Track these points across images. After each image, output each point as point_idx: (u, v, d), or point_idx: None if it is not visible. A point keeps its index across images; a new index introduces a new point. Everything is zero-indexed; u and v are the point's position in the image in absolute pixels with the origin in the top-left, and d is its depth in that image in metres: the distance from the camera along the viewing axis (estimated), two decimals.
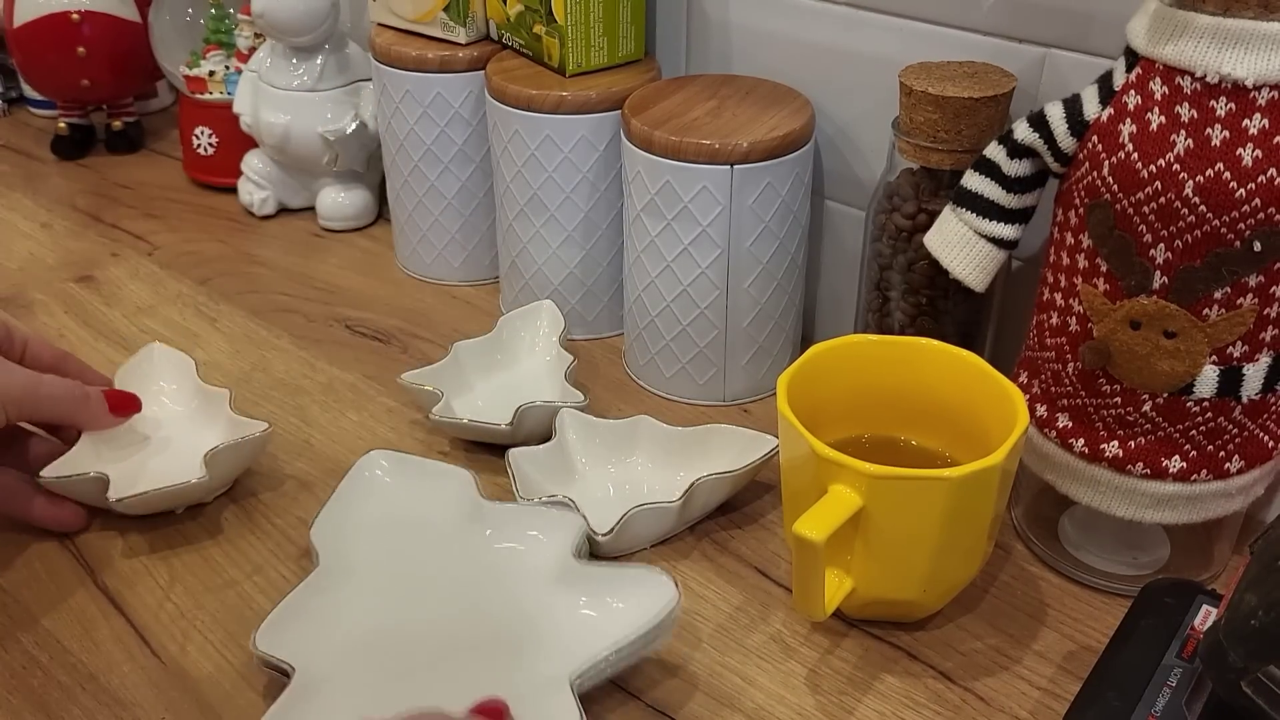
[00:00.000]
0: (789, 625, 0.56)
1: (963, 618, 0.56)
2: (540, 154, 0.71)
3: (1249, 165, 0.46)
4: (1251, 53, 0.45)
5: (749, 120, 0.66)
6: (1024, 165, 0.53)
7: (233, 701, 0.51)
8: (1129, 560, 0.58)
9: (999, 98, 0.57)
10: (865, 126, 0.69)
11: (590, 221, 0.74)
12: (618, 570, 0.54)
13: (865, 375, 0.57)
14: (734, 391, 0.72)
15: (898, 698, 0.52)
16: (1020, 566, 0.59)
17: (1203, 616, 0.50)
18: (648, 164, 0.66)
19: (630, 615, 0.51)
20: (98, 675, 0.53)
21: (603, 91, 0.71)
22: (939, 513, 0.49)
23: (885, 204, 0.62)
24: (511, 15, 0.75)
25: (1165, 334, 0.49)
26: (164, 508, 0.60)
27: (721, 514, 0.62)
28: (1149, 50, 0.47)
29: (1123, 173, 0.48)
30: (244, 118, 0.91)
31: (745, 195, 0.65)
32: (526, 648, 0.52)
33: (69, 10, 0.98)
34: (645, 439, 0.64)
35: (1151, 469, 0.53)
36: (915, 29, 0.64)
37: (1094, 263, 0.51)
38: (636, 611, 0.51)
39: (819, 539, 0.47)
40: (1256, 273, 0.48)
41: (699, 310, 0.68)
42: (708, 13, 0.74)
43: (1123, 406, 0.52)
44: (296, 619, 0.52)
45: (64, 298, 0.82)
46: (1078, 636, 0.55)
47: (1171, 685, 0.47)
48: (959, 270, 0.56)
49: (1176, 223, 0.47)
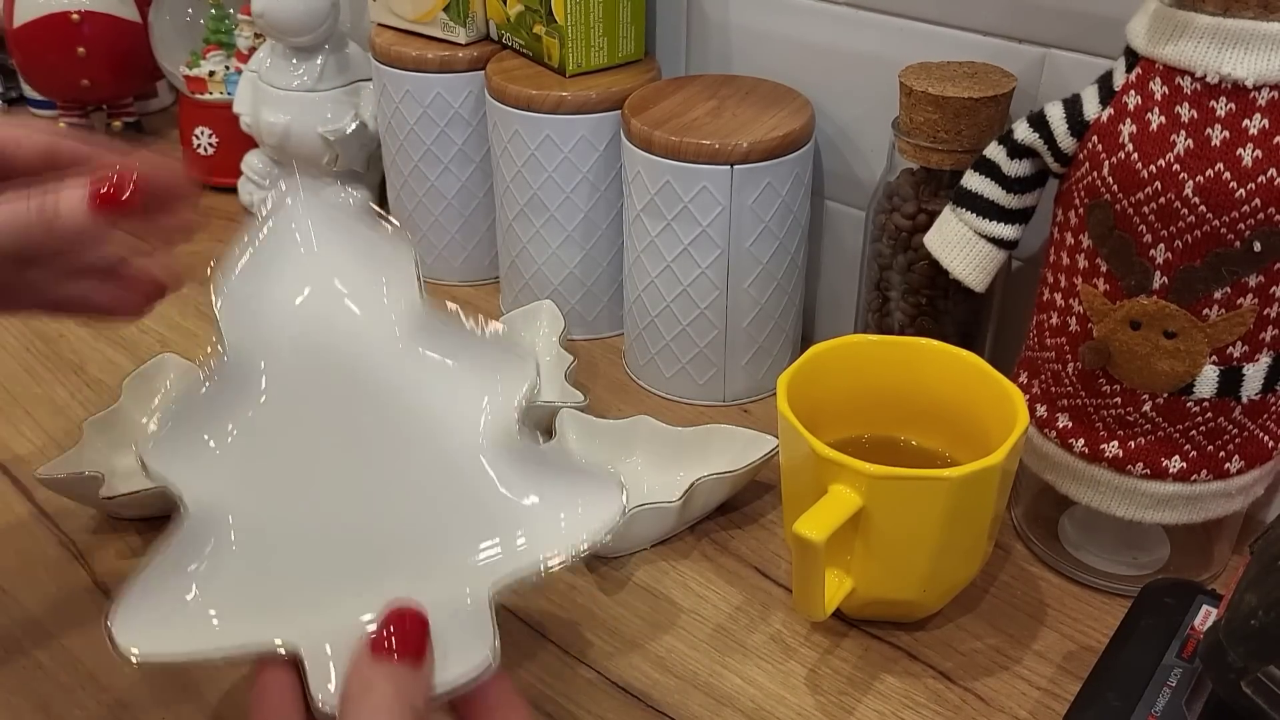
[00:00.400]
0: (789, 625, 0.56)
1: (963, 618, 0.56)
2: (540, 154, 0.71)
3: (1249, 165, 0.46)
4: (1251, 53, 0.45)
5: (749, 120, 0.66)
6: (1024, 165, 0.53)
7: (232, 701, 0.51)
8: (1129, 560, 0.58)
9: (999, 98, 0.57)
10: (865, 126, 0.69)
11: (590, 221, 0.73)
12: (560, 460, 0.48)
13: (865, 375, 0.57)
14: (734, 391, 0.72)
15: (898, 698, 0.52)
16: (1020, 567, 0.59)
17: (1203, 616, 0.50)
18: (648, 164, 0.66)
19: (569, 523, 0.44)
20: (98, 675, 0.53)
21: (603, 92, 0.71)
22: (939, 513, 0.49)
23: (885, 204, 0.62)
24: (511, 15, 0.75)
25: (1165, 334, 0.49)
26: (158, 509, 0.60)
27: (721, 514, 0.62)
28: (1149, 50, 0.47)
29: (1123, 173, 0.48)
30: (244, 118, 0.90)
31: (745, 195, 0.65)
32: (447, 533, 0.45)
33: (69, 10, 0.98)
34: (645, 439, 0.64)
35: (1151, 469, 0.53)
36: (915, 29, 0.64)
37: (1094, 263, 0.51)
38: (574, 519, 0.44)
39: (819, 539, 0.47)
40: (1256, 273, 0.48)
41: (699, 310, 0.68)
42: (708, 13, 0.74)
43: (1123, 407, 0.52)
44: (189, 433, 0.44)
45: None
46: (1078, 636, 0.55)
47: (1171, 685, 0.47)
48: (959, 270, 0.56)
49: (1176, 223, 0.47)
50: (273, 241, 0.48)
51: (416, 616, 0.40)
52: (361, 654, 0.39)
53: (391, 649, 0.39)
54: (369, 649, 0.39)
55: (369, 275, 0.48)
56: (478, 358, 0.47)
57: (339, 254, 0.48)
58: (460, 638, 0.41)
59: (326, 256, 0.48)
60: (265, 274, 0.48)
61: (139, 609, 0.40)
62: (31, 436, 0.68)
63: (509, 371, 0.46)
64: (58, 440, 0.67)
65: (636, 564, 0.59)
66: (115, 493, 0.58)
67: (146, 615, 0.40)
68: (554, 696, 0.52)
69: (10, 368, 0.74)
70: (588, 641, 0.55)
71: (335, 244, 0.48)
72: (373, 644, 0.39)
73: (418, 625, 0.40)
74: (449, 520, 0.45)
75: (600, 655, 0.54)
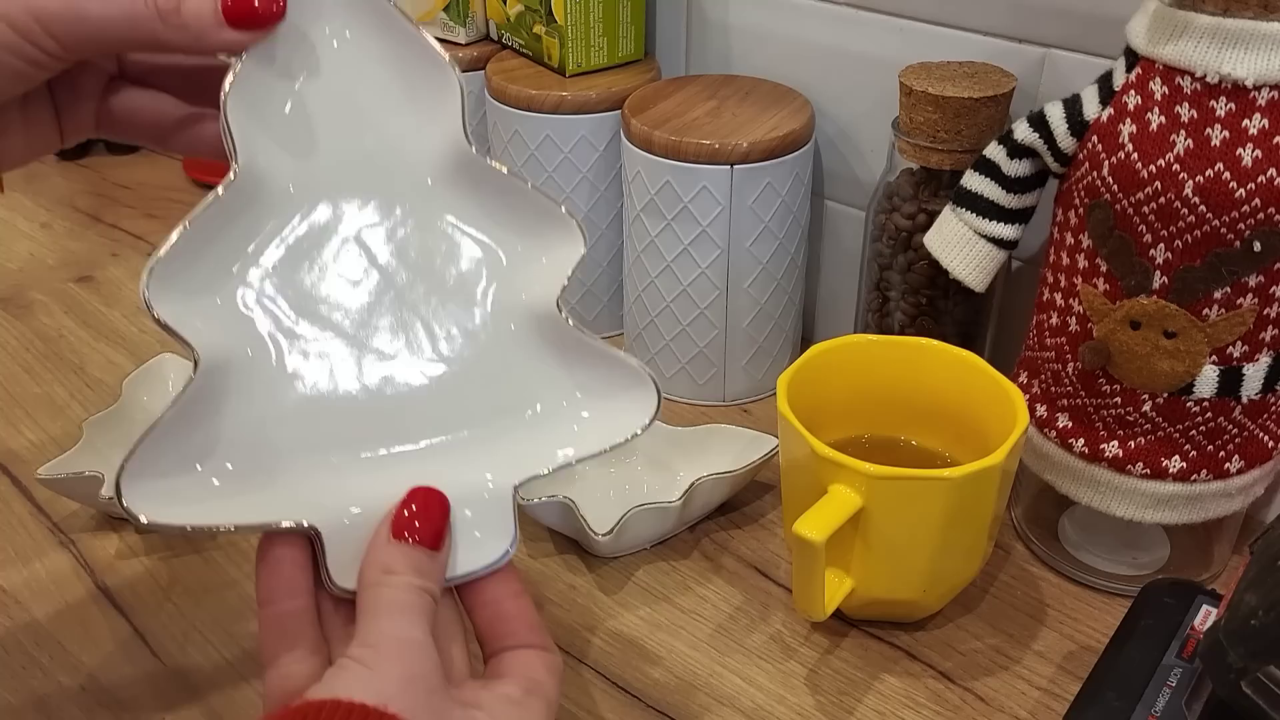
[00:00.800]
0: (789, 625, 0.56)
1: (963, 618, 0.56)
2: (540, 154, 0.71)
3: (1249, 165, 0.46)
4: (1251, 53, 0.44)
5: (749, 120, 0.66)
6: (1024, 165, 0.53)
7: (232, 701, 0.51)
8: (1129, 560, 0.58)
9: (999, 98, 0.57)
10: (865, 126, 0.69)
11: (590, 221, 0.73)
12: (600, 352, 0.43)
13: (865, 375, 0.57)
14: (734, 391, 0.72)
15: (898, 698, 0.52)
16: (1020, 567, 0.59)
17: (1203, 616, 0.50)
18: (647, 164, 0.66)
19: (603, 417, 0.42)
20: (98, 675, 0.53)
21: (603, 92, 0.71)
22: (939, 513, 0.49)
23: (885, 204, 0.62)
24: (511, 15, 0.75)
25: (1165, 334, 0.49)
26: None
27: (721, 514, 0.62)
28: (1149, 50, 0.47)
29: (1122, 173, 0.48)
30: None
31: (745, 195, 0.65)
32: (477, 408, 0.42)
33: None
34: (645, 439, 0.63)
35: (1151, 469, 0.53)
36: (915, 29, 0.64)
37: (1094, 263, 0.51)
38: (607, 413, 0.42)
39: (819, 539, 0.47)
40: (1256, 273, 0.48)
41: (699, 310, 0.68)
42: (707, 13, 0.74)
43: (1123, 406, 0.52)
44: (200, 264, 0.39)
45: (64, 298, 0.82)
46: (1078, 636, 0.55)
47: (1171, 685, 0.47)
48: (959, 270, 0.56)
49: (1176, 223, 0.47)
50: (294, 30, 0.40)
51: (439, 500, 0.39)
52: (381, 535, 0.38)
53: (413, 532, 0.38)
54: (389, 530, 0.38)
55: (406, 91, 0.42)
56: (521, 216, 0.43)
57: (374, 60, 0.42)
58: (480, 526, 0.40)
59: (360, 59, 0.41)
60: (285, 71, 0.41)
61: (149, 471, 0.37)
62: (31, 436, 0.68)
63: (555, 237, 0.42)
64: (58, 440, 0.67)
65: (636, 564, 0.59)
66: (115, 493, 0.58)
67: (156, 482, 0.38)
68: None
69: (10, 368, 0.74)
70: (587, 641, 0.55)
71: (370, 44, 0.41)
72: (394, 525, 0.38)
73: (439, 509, 0.39)
74: (480, 394, 0.42)
75: (600, 655, 0.54)
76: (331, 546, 0.39)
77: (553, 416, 0.43)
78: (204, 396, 0.39)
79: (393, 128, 0.42)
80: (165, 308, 0.38)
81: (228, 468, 0.39)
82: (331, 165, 0.41)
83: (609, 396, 0.43)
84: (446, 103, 0.42)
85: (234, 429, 0.39)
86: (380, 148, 0.42)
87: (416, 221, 0.42)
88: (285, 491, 0.39)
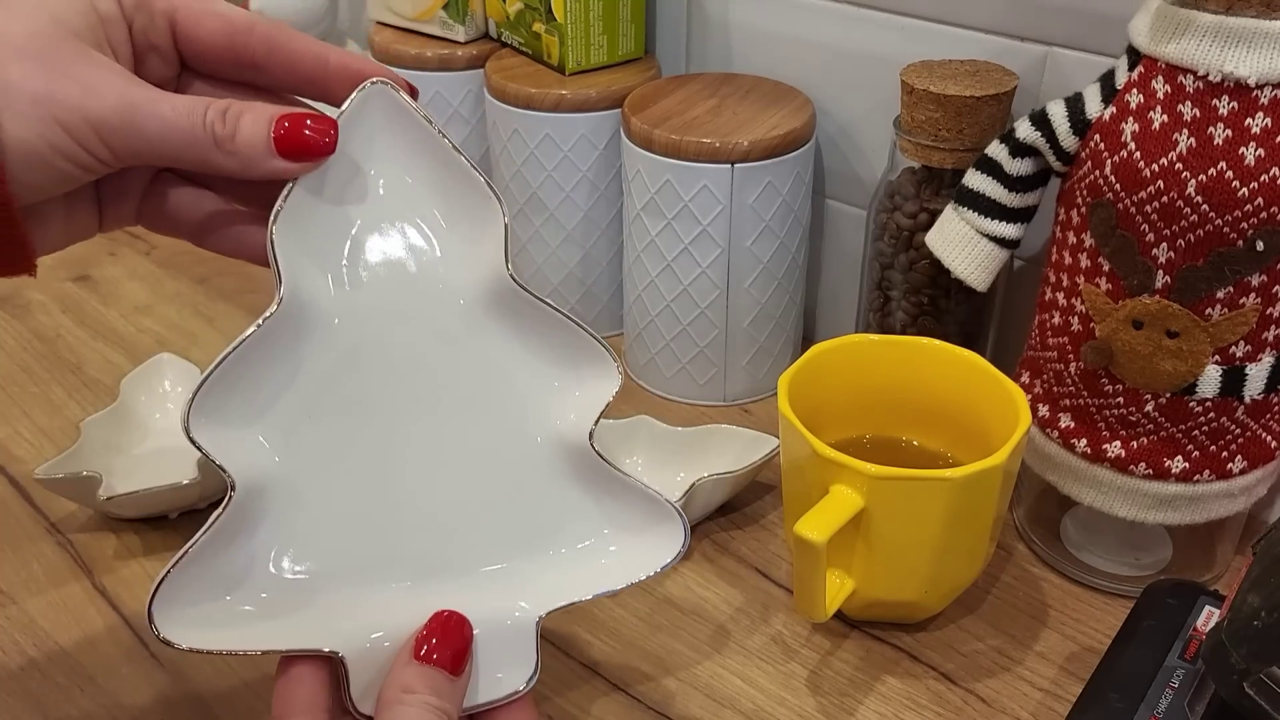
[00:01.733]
0: (790, 626, 0.55)
1: (964, 619, 0.56)
2: (539, 153, 0.71)
3: (1251, 164, 0.45)
4: (1254, 51, 0.44)
5: (749, 119, 0.66)
6: (1026, 164, 0.53)
7: (232, 702, 0.51)
8: (1131, 561, 0.58)
9: (1001, 96, 0.57)
10: (866, 125, 0.69)
11: (590, 221, 0.73)
12: (630, 486, 0.44)
13: (866, 375, 0.57)
14: (734, 391, 0.71)
15: (899, 699, 0.52)
16: (1022, 567, 0.59)
17: (1205, 617, 0.50)
18: (648, 163, 0.65)
19: (625, 557, 0.43)
20: (96, 676, 0.52)
21: (602, 90, 0.70)
22: (941, 513, 0.49)
23: (886, 203, 0.61)
24: (511, 13, 0.74)
25: (1168, 334, 0.49)
26: (156, 510, 0.60)
27: (722, 515, 0.62)
28: (1151, 49, 0.47)
29: (1125, 172, 0.48)
30: None
31: (746, 194, 0.65)
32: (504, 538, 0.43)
33: None
34: (645, 439, 0.64)
35: (1154, 469, 0.52)
36: (916, 27, 0.64)
37: (1096, 262, 0.50)
38: (635, 548, 0.43)
39: (820, 540, 0.47)
40: (1259, 272, 0.47)
41: (699, 310, 0.68)
42: (708, 11, 0.74)
43: (1125, 406, 0.52)
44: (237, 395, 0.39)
45: (61, 297, 0.82)
46: (1080, 637, 0.55)
47: (1174, 686, 0.46)
48: (961, 269, 0.56)
49: (1179, 222, 0.47)
50: (345, 160, 0.41)
51: (462, 625, 0.40)
52: (403, 656, 0.39)
53: (433, 653, 0.39)
54: (412, 652, 0.39)
55: (450, 220, 0.42)
56: (558, 348, 0.43)
57: (423, 190, 0.42)
58: (502, 654, 0.41)
59: (408, 189, 0.42)
60: (334, 200, 0.41)
61: (181, 597, 0.39)
62: (29, 436, 0.68)
63: (590, 370, 0.43)
64: (55, 440, 0.67)
65: None
66: (113, 493, 0.58)
67: (187, 610, 0.39)
68: (553, 697, 0.52)
69: (8, 368, 0.74)
70: (588, 642, 0.55)
71: (420, 175, 0.42)
72: (415, 646, 0.39)
73: (461, 634, 0.40)
74: (510, 525, 0.43)
75: (600, 655, 0.54)
76: (355, 671, 0.40)
77: (581, 549, 0.44)
78: (237, 522, 0.40)
79: (436, 255, 0.43)
80: (204, 435, 0.38)
81: (262, 596, 0.40)
82: (374, 293, 0.42)
83: (637, 530, 0.44)
84: (489, 233, 0.42)
85: (267, 556, 0.41)
86: (422, 275, 0.42)
87: (455, 350, 0.43)
88: (315, 617, 0.41)
